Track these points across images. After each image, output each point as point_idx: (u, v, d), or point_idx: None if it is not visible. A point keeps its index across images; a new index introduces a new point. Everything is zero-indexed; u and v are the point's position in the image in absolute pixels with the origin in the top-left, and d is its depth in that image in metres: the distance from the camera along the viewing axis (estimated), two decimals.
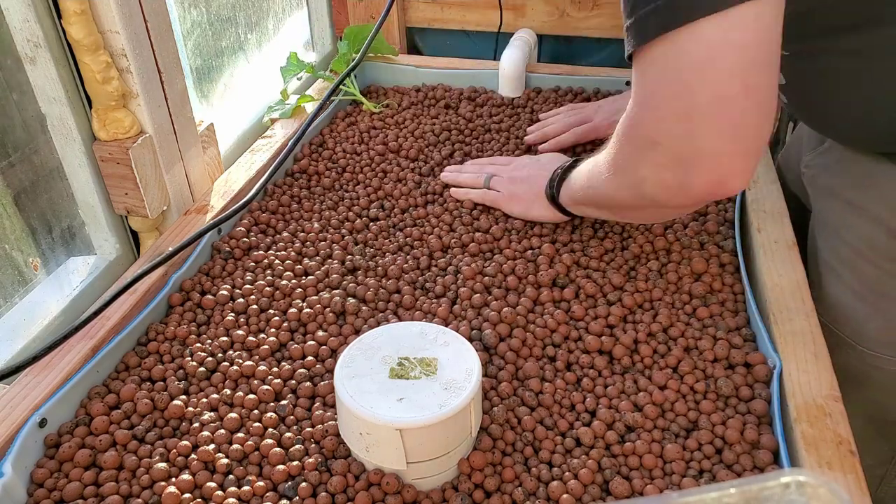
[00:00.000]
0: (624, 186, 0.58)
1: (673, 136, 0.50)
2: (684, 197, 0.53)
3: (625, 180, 0.57)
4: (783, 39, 0.54)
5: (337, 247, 0.76)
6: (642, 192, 0.56)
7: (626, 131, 0.55)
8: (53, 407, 0.56)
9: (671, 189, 0.53)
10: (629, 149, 0.55)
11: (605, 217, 0.73)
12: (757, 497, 0.25)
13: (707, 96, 0.47)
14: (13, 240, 0.68)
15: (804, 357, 0.58)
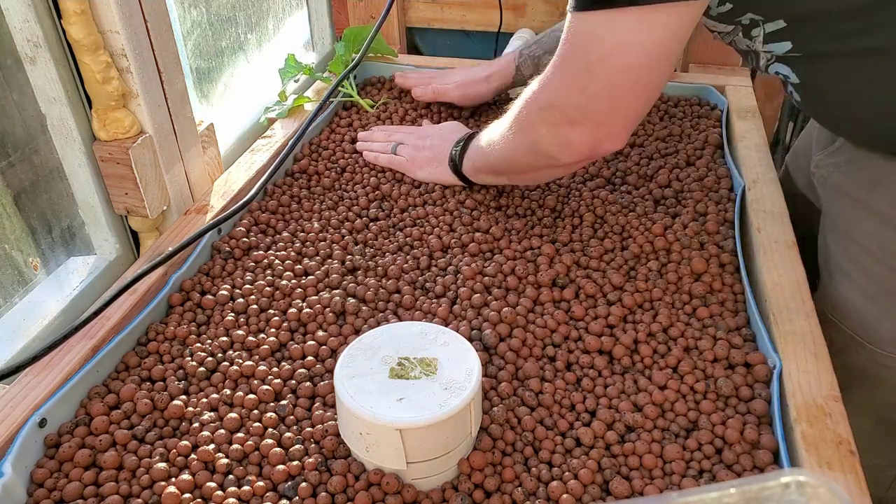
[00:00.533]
0: (523, 144, 0.67)
1: (567, 102, 0.61)
2: (570, 154, 0.63)
3: (523, 138, 0.67)
4: (798, 40, 0.61)
5: (337, 247, 0.76)
6: (538, 149, 0.65)
7: (532, 94, 0.64)
8: (53, 407, 0.56)
9: (560, 146, 0.63)
10: (531, 109, 0.65)
11: (502, 182, 0.80)
12: (757, 497, 0.25)
13: (603, 81, 0.57)
14: (13, 240, 0.68)
15: (804, 357, 0.58)
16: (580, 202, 0.81)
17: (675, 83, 1.02)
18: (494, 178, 0.78)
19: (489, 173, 0.77)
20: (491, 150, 0.73)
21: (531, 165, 0.69)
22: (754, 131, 0.91)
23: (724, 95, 1.00)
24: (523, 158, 0.69)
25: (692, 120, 0.96)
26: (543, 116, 0.63)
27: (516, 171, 0.73)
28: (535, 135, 0.65)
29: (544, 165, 0.68)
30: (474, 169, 0.78)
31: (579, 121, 0.61)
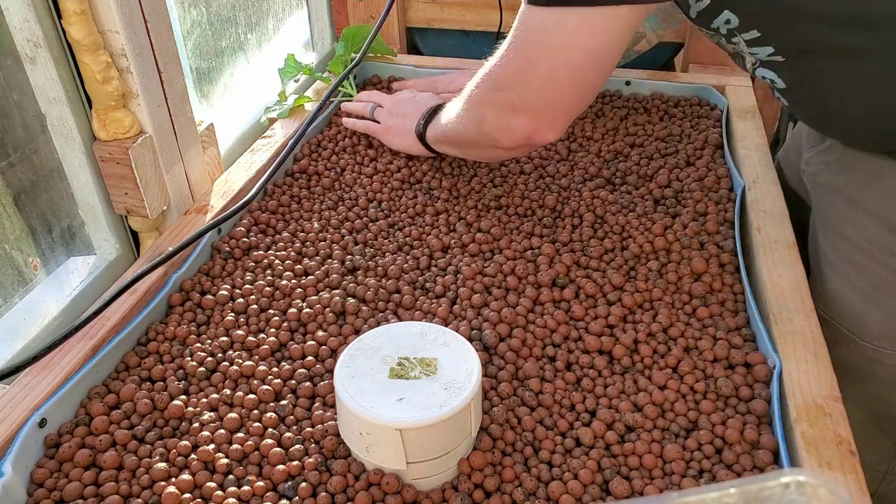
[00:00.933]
0: (470, 121, 0.70)
1: (511, 88, 0.63)
2: (510, 139, 0.66)
3: (471, 116, 0.70)
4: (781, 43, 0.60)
5: (337, 247, 0.76)
6: (482, 128, 0.68)
7: (483, 74, 0.66)
8: (53, 407, 0.56)
9: (501, 130, 0.66)
10: (480, 88, 0.67)
11: (457, 154, 0.83)
12: (757, 497, 0.25)
13: (544, 74, 0.60)
14: (13, 240, 0.68)
15: (804, 357, 0.58)
16: (580, 202, 0.80)
17: (675, 83, 1.02)
18: (450, 149, 0.81)
19: (446, 144, 0.80)
20: (448, 123, 0.76)
21: (476, 142, 0.72)
22: (754, 131, 0.91)
23: (724, 95, 1.00)
24: (470, 134, 0.72)
25: (692, 120, 0.96)
26: (490, 98, 0.66)
27: (465, 145, 0.76)
28: (480, 114, 0.68)
29: (486, 144, 0.71)
30: (436, 139, 0.81)
31: (520, 108, 0.64)
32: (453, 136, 0.76)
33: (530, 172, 0.87)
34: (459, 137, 0.75)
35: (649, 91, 1.02)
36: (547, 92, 0.62)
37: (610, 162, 0.88)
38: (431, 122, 0.82)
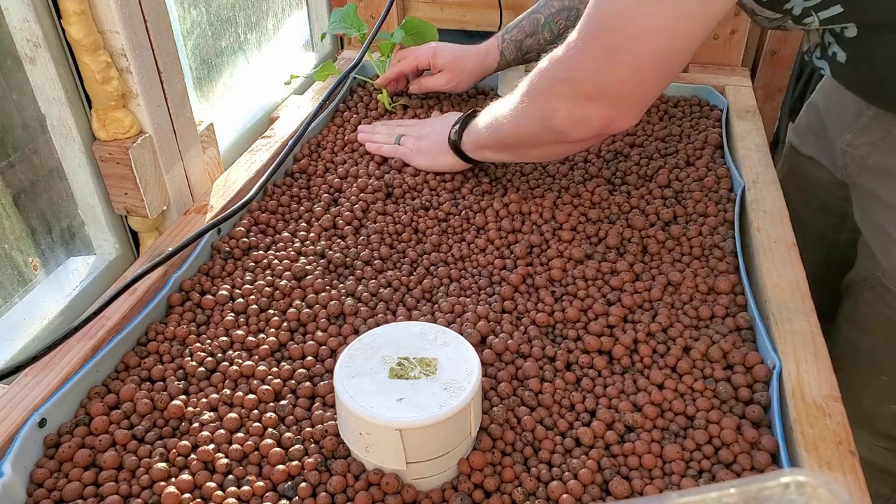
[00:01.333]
0: (534, 117, 0.67)
1: (588, 76, 0.61)
2: (584, 130, 0.64)
3: (536, 111, 0.67)
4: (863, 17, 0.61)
5: (336, 247, 0.76)
6: (549, 123, 0.66)
7: (548, 66, 0.64)
8: (53, 407, 0.56)
9: (574, 121, 0.64)
10: (544, 81, 0.65)
11: (504, 160, 0.81)
12: (756, 497, 0.25)
13: (629, 60, 0.58)
14: (13, 240, 0.68)
15: (804, 357, 0.58)
16: (580, 202, 0.81)
17: (675, 83, 1.02)
18: (496, 153, 0.78)
19: (492, 149, 0.77)
20: (497, 125, 0.73)
21: (538, 140, 0.70)
22: (754, 131, 0.91)
23: (724, 95, 1.00)
24: (531, 132, 0.69)
25: (692, 120, 0.96)
26: (560, 89, 0.63)
27: (522, 145, 0.73)
28: (546, 108, 0.65)
29: (551, 141, 0.68)
30: (475, 145, 0.79)
31: (596, 96, 0.61)
32: (505, 137, 0.73)
33: (530, 172, 0.87)
34: (515, 137, 0.72)
35: None
36: (629, 79, 0.60)
37: (610, 162, 0.89)
38: (467, 129, 0.79)
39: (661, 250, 0.74)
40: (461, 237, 0.78)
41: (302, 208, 0.82)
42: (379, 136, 0.92)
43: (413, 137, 0.88)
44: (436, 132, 0.85)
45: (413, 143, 0.88)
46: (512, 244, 0.76)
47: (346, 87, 1.05)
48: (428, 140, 0.86)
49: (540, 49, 0.95)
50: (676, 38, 0.57)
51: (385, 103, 1.00)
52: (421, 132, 0.88)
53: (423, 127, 0.89)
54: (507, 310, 0.68)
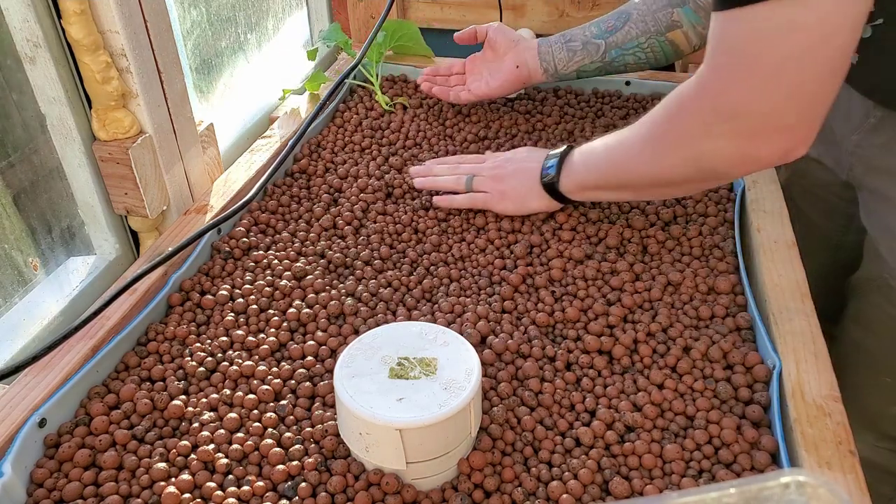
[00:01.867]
0: (685, 160, 0.58)
1: (748, 114, 0.52)
2: (750, 165, 0.56)
3: (687, 154, 0.58)
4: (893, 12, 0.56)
5: (337, 247, 0.76)
6: (701, 166, 0.57)
7: (692, 103, 0.56)
8: (53, 407, 0.56)
9: (735, 159, 0.55)
10: (692, 122, 0.56)
11: (621, 199, 0.75)
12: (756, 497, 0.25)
13: (791, 86, 0.49)
14: (13, 240, 0.68)
15: (804, 357, 0.58)
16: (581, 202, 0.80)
17: (674, 84, 1.02)
18: (612, 193, 0.71)
19: (608, 189, 0.70)
20: (620, 166, 0.66)
21: (686, 180, 0.62)
22: None
23: None
24: (679, 174, 0.61)
25: None
26: (718, 130, 0.54)
27: (659, 185, 0.65)
28: (702, 151, 0.56)
29: (701, 179, 0.61)
30: (580, 186, 0.72)
31: (765, 131, 0.53)
32: (637, 179, 0.65)
33: None
34: (653, 179, 0.64)
35: (649, 91, 1.02)
36: (798, 103, 0.51)
37: None
38: (566, 169, 0.72)
39: (661, 250, 0.74)
40: (461, 237, 0.78)
41: (302, 208, 0.82)
42: (444, 181, 0.81)
43: (489, 178, 0.78)
44: (520, 172, 0.76)
45: (491, 185, 0.78)
46: (512, 244, 0.76)
47: (345, 87, 1.05)
48: (511, 182, 0.77)
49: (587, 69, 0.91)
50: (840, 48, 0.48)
51: (382, 103, 1.00)
52: (499, 172, 0.78)
53: (497, 166, 0.79)
54: (507, 310, 0.68)
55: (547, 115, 0.97)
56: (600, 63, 0.88)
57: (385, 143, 0.94)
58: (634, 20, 0.86)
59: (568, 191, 0.73)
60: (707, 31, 0.85)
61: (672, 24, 0.85)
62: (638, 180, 0.66)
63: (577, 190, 0.72)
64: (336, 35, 1.04)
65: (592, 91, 1.03)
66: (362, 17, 1.22)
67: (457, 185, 0.80)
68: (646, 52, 0.87)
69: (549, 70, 0.90)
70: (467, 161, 0.83)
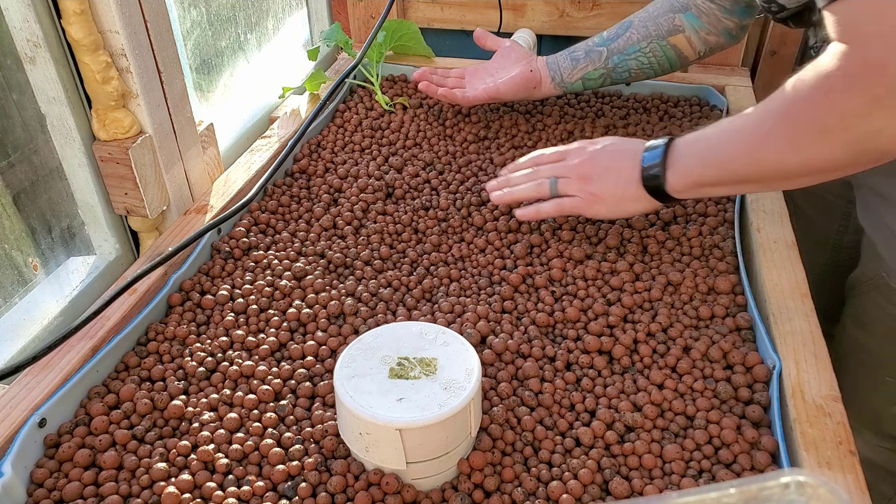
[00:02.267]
0: (837, 147, 0.54)
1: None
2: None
3: (842, 138, 0.53)
4: None
5: (336, 247, 0.76)
6: (865, 147, 0.53)
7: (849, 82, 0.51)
8: (53, 407, 0.56)
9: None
10: (854, 102, 0.51)
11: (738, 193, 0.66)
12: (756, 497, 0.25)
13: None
14: (13, 240, 0.68)
15: (804, 357, 0.58)
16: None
17: (675, 83, 1.02)
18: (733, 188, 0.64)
19: (728, 184, 0.63)
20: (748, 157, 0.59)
21: (836, 166, 0.57)
22: None
23: (724, 95, 1.00)
24: (830, 160, 0.56)
25: (692, 120, 0.96)
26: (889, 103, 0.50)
27: (798, 175, 0.59)
28: (866, 129, 0.52)
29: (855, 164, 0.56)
30: (695, 182, 0.64)
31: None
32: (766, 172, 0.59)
33: None
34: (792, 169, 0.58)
35: (649, 91, 1.02)
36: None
37: None
38: (673, 166, 0.64)
39: (661, 250, 0.74)
40: (461, 237, 0.78)
41: (302, 208, 0.82)
42: (524, 189, 0.73)
43: (576, 179, 0.70)
44: (613, 170, 0.68)
45: (579, 187, 0.70)
46: (512, 244, 0.76)
47: (345, 87, 1.05)
48: (604, 183, 0.68)
49: None
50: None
51: (382, 103, 1.00)
52: (587, 171, 0.69)
53: (585, 163, 0.70)
54: (507, 310, 0.68)
55: (547, 116, 0.97)
56: (604, 70, 0.88)
57: (385, 143, 0.94)
58: (636, 26, 0.86)
59: (677, 189, 0.65)
60: (711, 36, 0.85)
61: (674, 29, 0.85)
62: (772, 172, 0.59)
63: (690, 187, 0.64)
64: (336, 35, 1.05)
65: (593, 91, 1.03)
66: (362, 17, 1.22)
67: (540, 192, 0.72)
68: (648, 56, 0.87)
69: (556, 79, 0.90)
70: (546, 159, 0.74)
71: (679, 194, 0.65)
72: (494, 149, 0.92)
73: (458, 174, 0.87)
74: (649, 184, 0.65)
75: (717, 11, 0.84)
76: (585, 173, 0.69)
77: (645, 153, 0.66)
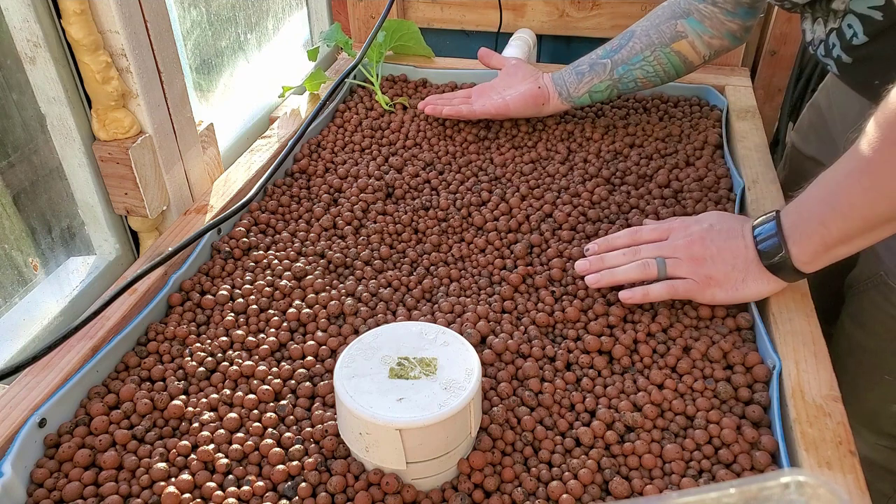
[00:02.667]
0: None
1: None
2: None
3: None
4: None
5: (336, 247, 0.76)
6: None
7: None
8: (53, 407, 0.56)
9: None
10: None
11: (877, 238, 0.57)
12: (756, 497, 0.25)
13: None
14: (13, 240, 0.68)
15: (804, 357, 0.58)
16: (580, 202, 0.80)
17: (675, 83, 1.02)
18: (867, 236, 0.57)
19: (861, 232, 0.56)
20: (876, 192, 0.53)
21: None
22: (754, 131, 0.91)
23: (723, 95, 1.00)
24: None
25: (692, 120, 0.96)
26: None
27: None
28: None
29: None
30: (822, 243, 0.58)
31: None
32: None
33: (530, 173, 0.87)
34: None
35: (649, 91, 1.02)
36: None
37: (609, 162, 0.89)
38: (793, 237, 0.59)
39: None
40: (461, 237, 0.78)
41: (302, 208, 0.82)
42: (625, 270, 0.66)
43: (686, 260, 0.64)
44: (726, 251, 0.63)
45: (691, 269, 0.64)
46: (512, 244, 0.76)
47: (345, 87, 1.05)
48: (719, 266, 0.63)
49: None
50: None
51: (382, 103, 1.00)
52: (698, 252, 0.64)
53: (694, 243, 0.65)
54: (507, 310, 0.68)
55: (547, 115, 0.97)
56: (609, 81, 0.88)
57: (385, 143, 0.94)
58: (638, 36, 0.86)
59: (805, 262, 0.60)
60: (715, 40, 0.85)
61: (676, 35, 0.85)
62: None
63: (820, 255, 0.59)
64: (336, 35, 1.05)
65: None
66: (362, 17, 1.22)
67: (647, 274, 0.65)
68: (653, 65, 0.87)
69: (563, 94, 0.91)
70: (645, 237, 0.68)
71: (807, 266, 0.60)
72: (494, 149, 0.93)
73: (458, 174, 0.87)
74: (771, 261, 0.61)
75: (719, 15, 0.84)
76: (696, 254, 0.64)
77: (756, 229, 0.62)
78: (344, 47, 1.06)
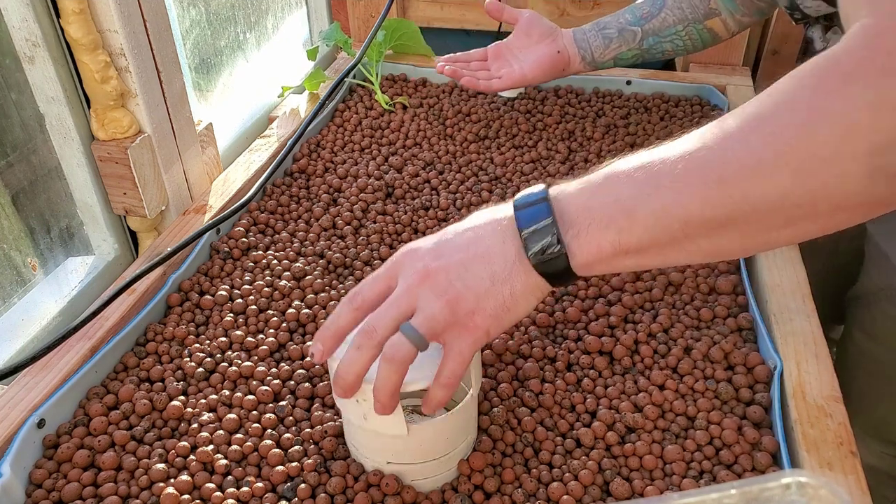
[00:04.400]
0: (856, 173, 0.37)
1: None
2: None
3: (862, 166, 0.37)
4: None
5: (336, 247, 0.76)
6: None
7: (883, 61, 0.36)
8: (52, 407, 0.56)
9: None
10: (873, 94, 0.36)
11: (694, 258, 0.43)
12: (757, 498, 0.25)
13: None
14: (11, 240, 0.68)
15: (805, 357, 0.58)
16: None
17: (675, 83, 1.02)
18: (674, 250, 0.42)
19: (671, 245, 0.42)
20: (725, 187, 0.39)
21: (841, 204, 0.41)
22: None
23: (724, 95, 0.99)
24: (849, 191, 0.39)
25: (693, 119, 0.96)
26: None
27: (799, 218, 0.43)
28: None
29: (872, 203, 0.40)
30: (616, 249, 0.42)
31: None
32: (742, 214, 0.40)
33: (530, 173, 0.87)
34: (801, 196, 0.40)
35: (650, 90, 1.02)
36: None
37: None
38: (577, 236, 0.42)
39: None
40: None
41: (301, 208, 0.82)
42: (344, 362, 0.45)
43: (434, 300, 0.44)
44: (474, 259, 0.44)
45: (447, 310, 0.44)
46: None
47: (345, 86, 1.05)
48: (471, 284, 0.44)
49: None
50: None
51: (382, 103, 1.00)
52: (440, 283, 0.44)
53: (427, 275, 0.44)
54: None
55: (548, 115, 0.97)
56: (637, 50, 0.87)
57: (385, 142, 0.94)
58: (670, 7, 0.85)
59: (589, 265, 0.43)
60: (745, 17, 0.84)
61: (710, 12, 0.84)
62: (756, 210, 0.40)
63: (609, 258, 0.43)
64: (336, 34, 1.04)
65: (593, 90, 1.03)
66: (362, 17, 1.22)
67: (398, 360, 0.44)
68: (684, 39, 0.86)
69: (587, 58, 0.87)
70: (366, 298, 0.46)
71: (590, 270, 0.43)
72: (494, 148, 0.92)
73: (458, 174, 0.87)
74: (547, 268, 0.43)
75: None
76: (439, 288, 0.44)
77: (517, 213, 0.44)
78: (343, 46, 1.06)
